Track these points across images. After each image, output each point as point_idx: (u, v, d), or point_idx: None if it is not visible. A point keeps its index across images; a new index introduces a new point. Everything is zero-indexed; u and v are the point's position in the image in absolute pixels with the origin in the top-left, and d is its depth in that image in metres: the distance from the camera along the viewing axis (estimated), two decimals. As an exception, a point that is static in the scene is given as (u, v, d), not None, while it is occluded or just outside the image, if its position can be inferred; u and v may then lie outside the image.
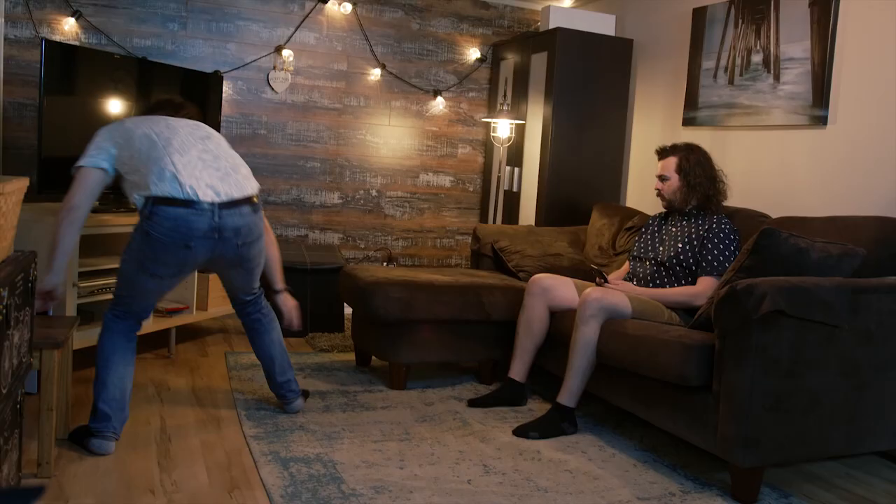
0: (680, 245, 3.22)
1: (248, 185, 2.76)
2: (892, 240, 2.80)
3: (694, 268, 3.17)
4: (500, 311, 3.52)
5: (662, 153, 3.35)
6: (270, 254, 3.02)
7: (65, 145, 3.46)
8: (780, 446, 2.48)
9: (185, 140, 2.71)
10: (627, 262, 3.54)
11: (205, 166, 2.67)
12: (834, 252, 2.64)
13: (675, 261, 3.21)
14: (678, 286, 3.19)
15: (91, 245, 3.49)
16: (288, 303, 3.13)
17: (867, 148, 3.23)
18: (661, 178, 3.32)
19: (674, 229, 3.31)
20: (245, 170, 2.82)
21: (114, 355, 2.69)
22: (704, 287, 3.07)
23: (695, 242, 3.17)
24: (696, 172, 3.25)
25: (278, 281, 3.11)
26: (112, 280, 3.45)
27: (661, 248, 3.31)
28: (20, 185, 2.00)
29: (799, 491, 2.64)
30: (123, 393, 2.67)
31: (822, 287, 2.46)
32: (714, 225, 3.17)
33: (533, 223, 4.52)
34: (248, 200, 2.71)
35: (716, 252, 3.10)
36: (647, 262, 3.33)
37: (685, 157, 3.28)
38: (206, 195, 2.60)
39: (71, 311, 3.18)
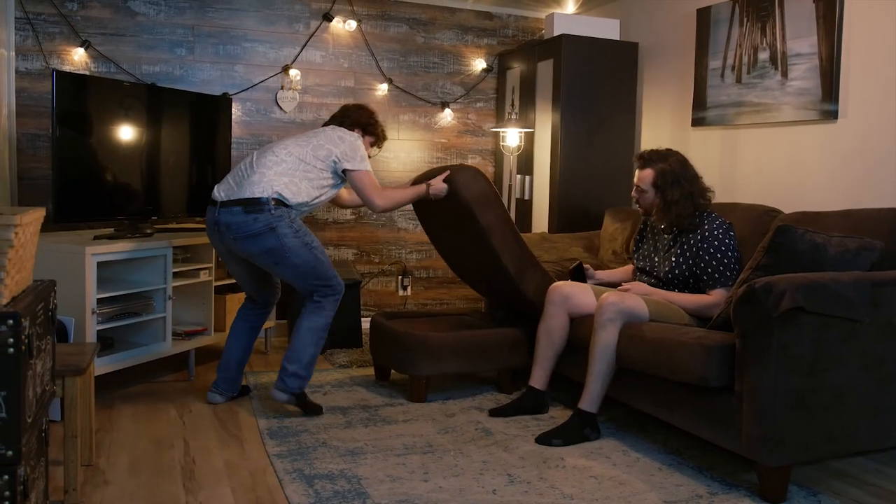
0: (673, 259, 3.18)
1: (252, 189, 3.12)
2: (909, 231, 2.78)
3: (692, 281, 3.14)
4: (518, 319, 3.51)
5: (640, 161, 3.26)
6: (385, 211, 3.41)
7: (79, 174, 3.50)
8: (806, 444, 2.46)
9: (264, 148, 3.33)
10: (628, 265, 3.56)
11: (237, 171, 3.26)
12: (851, 246, 2.62)
13: (671, 276, 3.19)
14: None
15: (109, 271, 3.52)
16: (438, 187, 3.38)
17: (878, 140, 3.21)
18: (638, 188, 3.26)
19: (667, 237, 3.28)
20: (270, 173, 3.15)
21: (231, 331, 3.47)
22: (717, 297, 3.04)
23: (688, 254, 3.14)
24: (672, 192, 3.15)
25: (419, 195, 3.39)
26: (130, 305, 3.47)
27: (657, 261, 3.29)
28: (37, 215, 2.02)
29: (828, 488, 2.61)
30: (228, 360, 3.41)
31: (841, 282, 2.44)
32: (707, 233, 3.11)
33: (546, 230, 4.52)
34: (240, 202, 3.09)
35: (714, 263, 3.06)
36: (645, 278, 3.32)
37: (661, 174, 3.17)
38: (215, 195, 3.21)
39: (90, 337, 3.20)
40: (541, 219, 4.64)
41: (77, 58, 4.20)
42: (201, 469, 2.67)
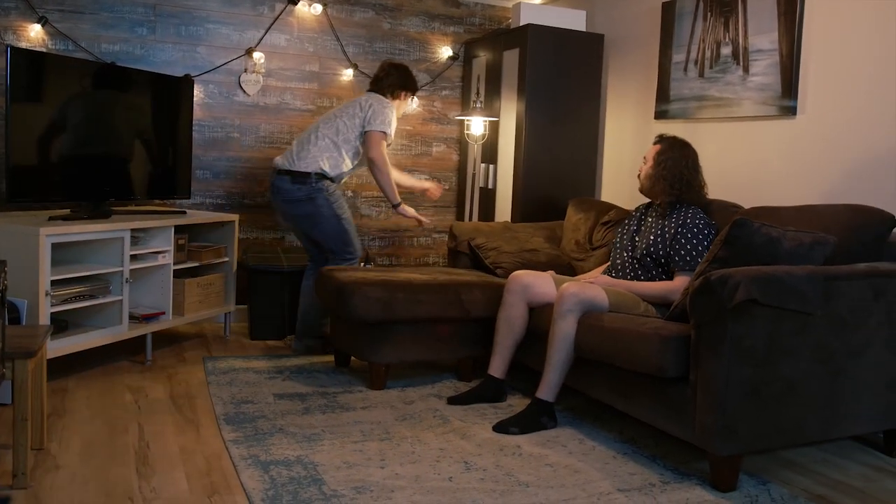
0: (652, 238, 3.23)
1: (300, 164, 3.85)
2: (862, 228, 2.84)
3: (664, 260, 3.18)
4: (479, 309, 3.52)
5: (657, 138, 3.39)
6: (377, 181, 3.96)
7: (33, 153, 3.42)
8: (758, 434, 2.51)
9: (315, 123, 4.02)
10: (600, 267, 3.59)
11: (295, 145, 3.95)
12: (806, 241, 2.66)
13: (646, 252, 3.23)
14: (651, 279, 3.21)
15: (65, 253, 3.45)
16: (407, 211, 4.07)
17: (835, 137, 3.27)
18: (644, 159, 3.37)
19: (650, 220, 3.33)
20: (315, 150, 3.86)
21: (301, 292, 4.09)
22: (680, 283, 3.08)
23: (667, 236, 3.19)
24: (666, 166, 3.25)
25: (392, 199, 3.98)
26: (86, 288, 3.42)
27: (637, 240, 3.33)
28: (-13, 193, 1.98)
29: (777, 477, 2.67)
30: (306, 314, 4.05)
31: (794, 275, 2.49)
32: (688, 219, 3.17)
33: (509, 220, 4.53)
34: (290, 173, 3.86)
35: (689, 247, 3.11)
36: (625, 253, 3.35)
37: (665, 149, 3.30)
38: (276, 163, 3.95)
39: (44, 320, 3.15)
40: (504, 208, 4.65)
41: (33, 34, 4.10)
42: (155, 454, 2.64)
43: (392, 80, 4.05)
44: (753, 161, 3.65)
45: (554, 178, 4.54)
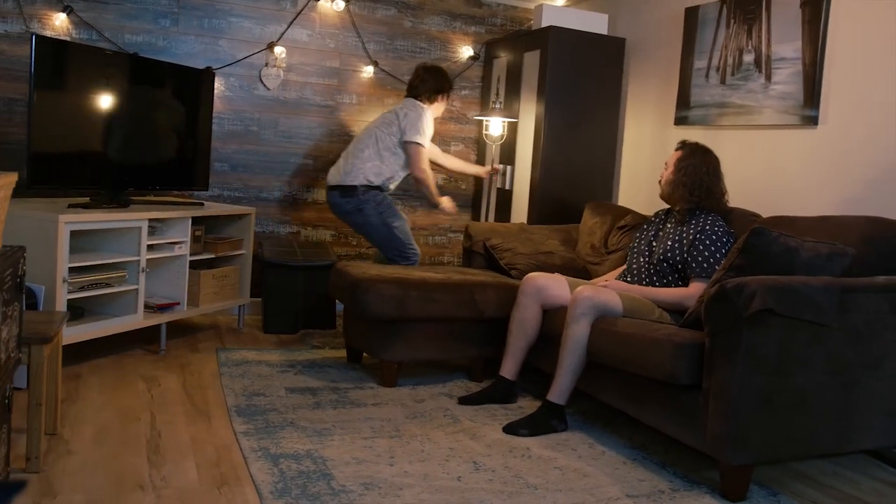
0: (670, 244, 3.22)
1: (346, 178, 4.09)
2: (881, 239, 2.81)
3: (681, 266, 3.17)
4: (493, 309, 3.52)
5: (679, 144, 3.38)
6: (417, 181, 4.22)
7: (55, 141, 3.45)
8: (769, 444, 2.49)
9: (358, 135, 4.29)
10: (615, 271, 3.58)
11: (341, 157, 4.22)
12: (823, 251, 2.65)
13: (662, 258, 3.21)
14: (666, 285, 3.20)
15: (82, 241, 3.48)
16: (445, 205, 4.29)
17: (857, 148, 3.24)
18: (666, 165, 3.36)
19: (669, 226, 3.32)
20: (358, 161, 4.09)
21: None
22: (696, 290, 3.07)
23: (685, 243, 3.17)
24: (687, 172, 3.24)
25: (432, 199, 4.26)
26: (102, 276, 3.45)
27: (655, 245, 3.32)
28: (8, 180, 2.00)
29: (787, 489, 2.65)
30: None
31: (811, 286, 2.47)
32: (707, 226, 3.16)
33: (525, 221, 4.52)
34: (338, 188, 4.12)
35: (706, 254, 3.10)
36: (642, 259, 3.34)
37: (686, 156, 3.28)
38: (328, 178, 4.24)
39: (61, 306, 3.17)
40: (520, 209, 4.64)
41: (58, 23, 4.14)
42: (166, 443, 2.66)
43: (428, 85, 4.24)
44: (773, 170, 3.63)
45: (571, 181, 4.53)
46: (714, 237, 3.12)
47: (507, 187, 4.79)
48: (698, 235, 3.14)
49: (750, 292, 2.38)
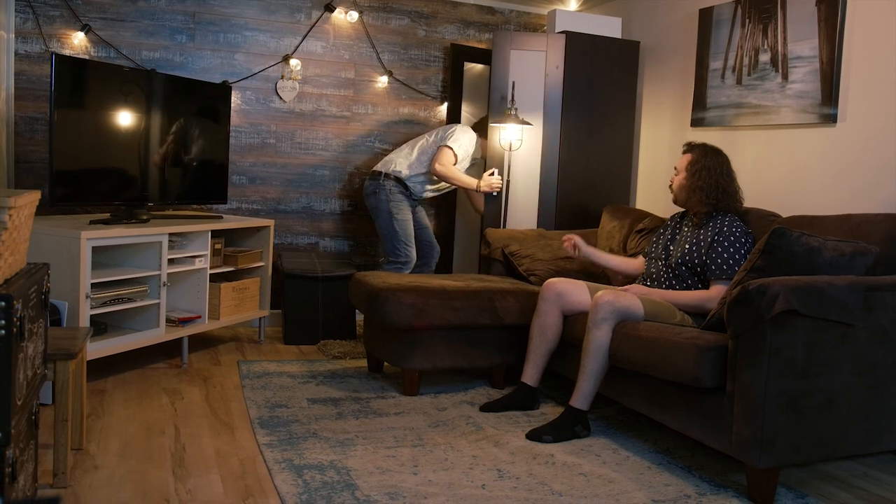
0: (688, 247, 3.20)
1: (380, 166, 4.43)
2: (904, 237, 2.78)
3: (700, 269, 3.14)
4: (513, 316, 3.52)
5: (686, 146, 3.36)
6: (449, 183, 4.46)
7: (76, 158, 3.49)
8: (796, 447, 2.47)
9: None
10: (634, 258, 3.57)
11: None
12: (846, 250, 2.62)
13: (681, 261, 3.19)
14: (686, 288, 3.18)
15: (104, 256, 3.51)
16: (485, 183, 4.36)
17: (877, 145, 3.21)
18: (675, 169, 3.34)
19: (686, 230, 3.30)
20: (395, 156, 4.44)
21: None
22: (716, 292, 3.05)
23: (702, 245, 3.15)
24: (701, 175, 3.22)
25: (467, 186, 4.40)
26: (124, 291, 3.47)
27: (672, 249, 3.30)
28: (32, 198, 2.02)
29: (816, 491, 2.62)
30: None
31: (835, 286, 2.45)
32: (725, 228, 3.14)
33: (535, 226, 4.51)
34: (371, 173, 4.47)
35: (725, 255, 3.08)
36: (659, 262, 3.32)
37: (697, 158, 3.26)
38: None
39: (84, 322, 3.20)
40: (531, 215, 4.62)
41: (77, 42, 4.19)
42: (191, 456, 2.67)
43: (480, 122, 4.58)
44: (793, 169, 3.60)
45: (588, 186, 4.52)
46: (733, 238, 3.10)
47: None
48: (717, 237, 3.12)
49: (773, 293, 2.36)
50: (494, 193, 4.39)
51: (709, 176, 3.21)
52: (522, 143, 4.40)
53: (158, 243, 3.54)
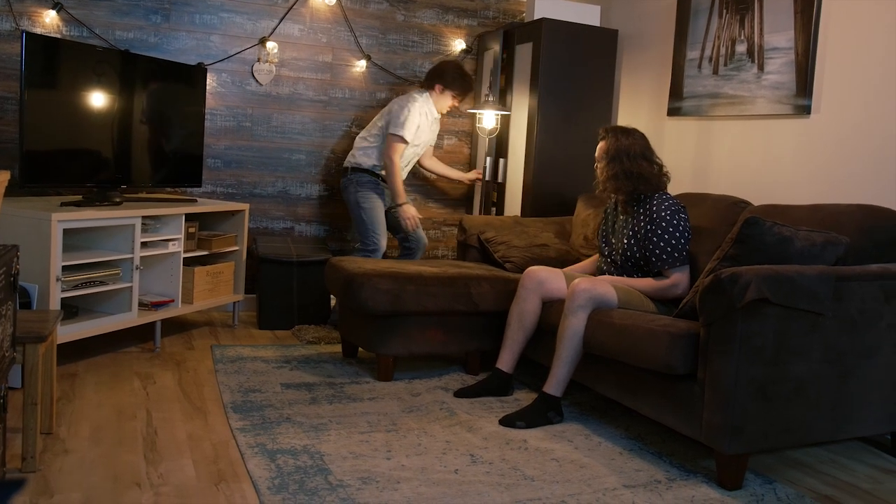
0: (625, 241, 3.21)
1: (347, 161, 4.48)
2: (875, 228, 2.82)
3: (643, 262, 3.16)
4: (488, 302, 3.52)
5: (602, 133, 3.33)
6: (384, 168, 4.43)
7: (47, 139, 3.44)
8: (765, 433, 2.50)
9: None
10: (591, 259, 3.60)
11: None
12: (817, 240, 2.65)
13: (624, 257, 3.22)
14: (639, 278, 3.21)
15: (75, 239, 3.47)
16: (406, 212, 4.40)
17: (851, 137, 3.25)
18: (595, 159, 3.33)
19: (621, 218, 3.30)
20: (354, 149, 4.47)
21: None
22: (675, 279, 3.08)
23: (638, 236, 3.16)
24: (617, 161, 3.20)
25: (394, 195, 4.39)
26: (96, 274, 3.43)
27: (613, 242, 3.32)
28: (1, 178, 1.99)
29: (783, 477, 2.66)
30: None
31: (805, 275, 2.48)
32: (654, 213, 3.13)
33: (519, 214, 4.52)
34: (343, 170, 4.52)
35: (663, 245, 3.08)
36: (608, 259, 3.35)
37: (610, 144, 3.24)
38: None
39: (55, 305, 3.16)
40: (514, 202, 4.64)
41: (48, 20, 4.12)
42: (163, 440, 2.66)
43: (434, 71, 4.52)
44: (766, 159, 3.64)
45: (564, 174, 4.53)
46: (664, 224, 3.10)
47: (499, 180, 4.79)
48: (650, 226, 3.12)
49: (745, 282, 2.38)
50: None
51: (625, 160, 3.18)
52: (499, 129, 4.41)
53: (132, 226, 3.51)
